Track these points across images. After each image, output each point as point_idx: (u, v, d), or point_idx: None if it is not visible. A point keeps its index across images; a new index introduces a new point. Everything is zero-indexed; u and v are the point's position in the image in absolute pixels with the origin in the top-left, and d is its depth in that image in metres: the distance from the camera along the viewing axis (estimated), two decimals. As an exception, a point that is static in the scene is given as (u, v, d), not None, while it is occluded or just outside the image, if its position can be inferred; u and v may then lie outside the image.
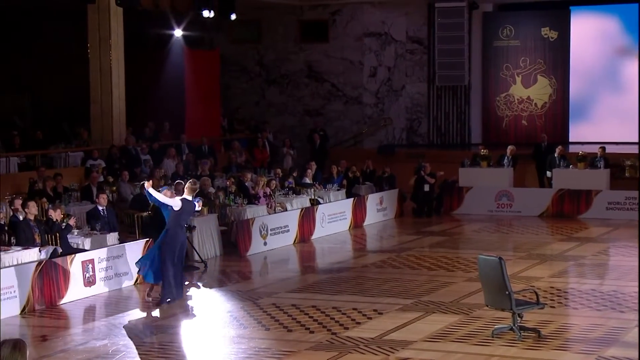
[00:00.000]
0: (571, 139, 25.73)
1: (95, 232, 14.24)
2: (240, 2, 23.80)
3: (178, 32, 24.64)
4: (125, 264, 13.68)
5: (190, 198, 12.70)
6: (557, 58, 25.81)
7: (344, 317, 11.57)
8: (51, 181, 17.41)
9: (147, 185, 12.55)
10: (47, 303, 12.33)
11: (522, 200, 21.02)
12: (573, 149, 23.77)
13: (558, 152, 21.35)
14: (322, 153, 25.10)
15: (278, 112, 27.67)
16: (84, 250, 13.51)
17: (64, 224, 13.70)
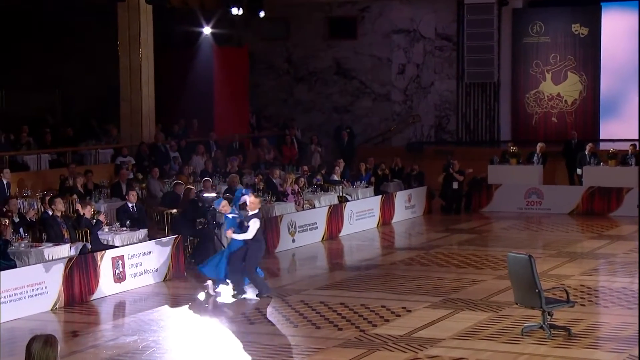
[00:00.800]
0: (602, 136, 25.53)
1: (124, 228, 14.33)
2: (268, -1, 23.88)
3: (207, 30, 24.72)
4: (155, 260, 13.76)
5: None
6: (587, 54, 25.61)
7: (373, 314, 11.55)
8: (81, 178, 17.54)
9: (230, 234, 12.63)
10: (77, 299, 12.43)
11: (552, 198, 20.88)
12: (604, 146, 23.60)
13: (589, 149, 21.19)
14: (350, 150, 25.10)
15: (306, 109, 27.70)
16: (114, 247, 13.60)
17: (94, 220, 13.81)
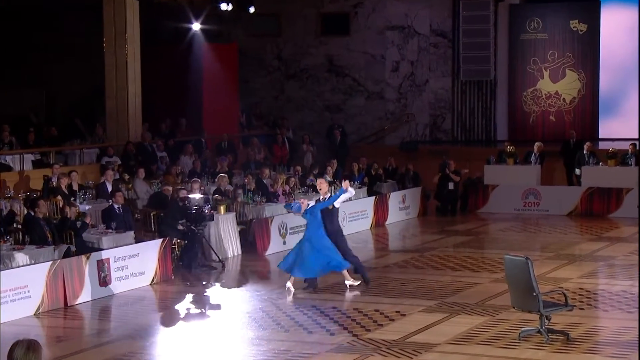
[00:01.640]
0: (601, 136, 25.58)
1: (110, 230, 14.30)
2: (258, -6, 23.86)
3: (196, 26, 24.69)
4: (141, 263, 13.72)
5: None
6: (586, 52, 25.67)
7: (366, 318, 11.55)
8: (66, 178, 17.50)
9: (346, 185, 13.50)
10: (61, 303, 12.39)
11: (550, 199, 20.91)
12: (603, 145, 23.64)
13: (587, 148, 21.21)
14: (342, 150, 25.09)
15: (297, 107, 27.69)
16: (99, 249, 13.57)
17: (78, 222, 13.77)
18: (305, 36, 27.54)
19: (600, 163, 20.98)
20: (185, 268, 14.70)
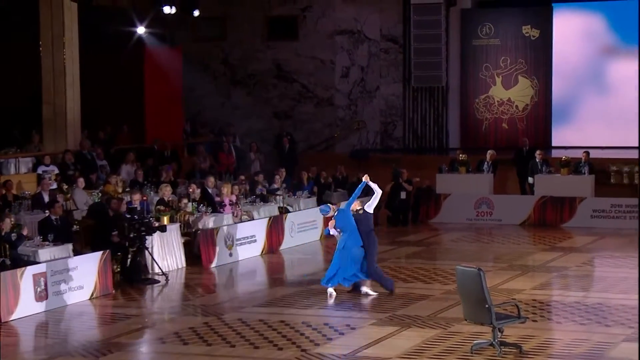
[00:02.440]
0: (554, 144, 25.92)
1: (47, 243, 14.10)
2: (204, -3, 23.78)
3: (140, 30, 24.49)
4: (80, 277, 13.55)
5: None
6: (539, 58, 26.01)
7: (315, 332, 11.54)
8: (0, 189, 17.23)
9: (355, 206, 13.85)
10: (-5, 319, 12.19)
11: (503, 208, 21.11)
12: (556, 153, 23.95)
13: (539, 156, 21.45)
14: (291, 158, 25.07)
15: (244, 114, 27.61)
16: (35, 263, 13.37)
17: (14, 234, 13.56)
18: (252, 40, 27.50)
19: (553, 171, 21.25)
20: (127, 281, 14.56)
